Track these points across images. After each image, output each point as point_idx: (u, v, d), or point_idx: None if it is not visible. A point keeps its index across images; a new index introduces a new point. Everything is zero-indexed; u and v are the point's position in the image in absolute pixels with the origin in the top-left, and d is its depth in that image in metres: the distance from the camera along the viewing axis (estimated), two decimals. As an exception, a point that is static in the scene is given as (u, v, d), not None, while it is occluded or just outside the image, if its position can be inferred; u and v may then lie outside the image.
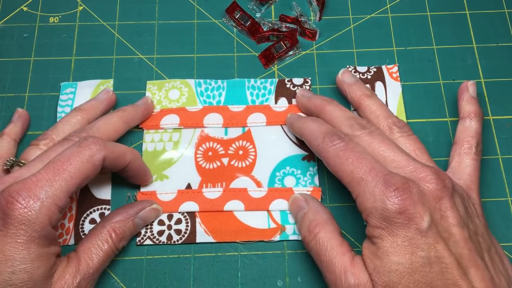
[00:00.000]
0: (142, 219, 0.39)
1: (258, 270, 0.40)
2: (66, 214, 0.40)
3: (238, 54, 0.47)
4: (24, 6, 0.49)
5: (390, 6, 0.50)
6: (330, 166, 0.36)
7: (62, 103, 0.45)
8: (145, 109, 0.43)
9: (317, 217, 0.37)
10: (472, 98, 0.42)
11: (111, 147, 0.36)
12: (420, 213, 0.32)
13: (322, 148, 0.36)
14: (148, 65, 0.47)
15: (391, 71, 0.46)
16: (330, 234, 0.36)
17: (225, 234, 0.41)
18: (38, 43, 0.48)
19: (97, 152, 0.35)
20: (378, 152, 0.36)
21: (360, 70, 0.46)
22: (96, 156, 0.35)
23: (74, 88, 0.45)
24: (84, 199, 0.41)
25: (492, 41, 0.48)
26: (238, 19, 0.48)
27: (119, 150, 0.37)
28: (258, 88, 0.46)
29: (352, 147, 0.35)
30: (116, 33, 0.48)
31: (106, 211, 0.41)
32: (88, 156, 0.34)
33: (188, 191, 0.42)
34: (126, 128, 0.42)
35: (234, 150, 0.43)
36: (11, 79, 0.46)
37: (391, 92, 0.45)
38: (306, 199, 0.39)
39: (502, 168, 0.43)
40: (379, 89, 0.45)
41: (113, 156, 0.36)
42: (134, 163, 0.38)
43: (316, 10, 0.49)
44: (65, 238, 0.40)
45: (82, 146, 0.35)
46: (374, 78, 0.46)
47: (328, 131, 0.37)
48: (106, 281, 0.39)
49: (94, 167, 0.35)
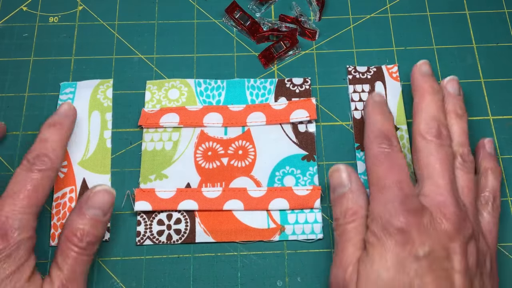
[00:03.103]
0: (94, 208, 0.36)
1: (257, 270, 0.40)
2: (66, 214, 0.40)
3: (237, 54, 0.47)
4: (23, 6, 0.49)
5: (390, 6, 0.50)
6: (366, 162, 0.37)
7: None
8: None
9: (357, 204, 0.36)
10: (490, 155, 0.41)
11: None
12: (421, 240, 0.31)
13: (370, 143, 0.37)
14: (148, 65, 0.47)
15: (391, 71, 0.46)
16: (360, 228, 0.35)
17: (225, 234, 0.40)
18: (38, 43, 0.48)
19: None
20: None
21: (360, 70, 0.46)
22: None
23: (73, 88, 0.45)
24: None
25: (492, 41, 0.48)
26: (238, 19, 0.48)
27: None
28: (258, 88, 0.46)
29: (394, 156, 0.35)
30: (116, 33, 0.48)
31: None
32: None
33: (187, 189, 0.42)
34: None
35: (233, 150, 0.43)
36: (11, 79, 0.46)
37: (391, 92, 0.45)
38: (350, 176, 0.37)
39: (502, 168, 0.43)
40: (379, 89, 0.45)
41: None
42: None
43: (316, 10, 0.49)
44: None
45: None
46: (374, 77, 0.46)
47: (385, 132, 0.37)
48: (106, 281, 0.39)
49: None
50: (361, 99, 0.45)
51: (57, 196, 0.41)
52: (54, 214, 0.41)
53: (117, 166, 0.43)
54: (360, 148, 0.43)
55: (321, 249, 0.40)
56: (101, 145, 0.43)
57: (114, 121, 0.44)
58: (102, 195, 0.36)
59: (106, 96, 0.45)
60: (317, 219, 0.41)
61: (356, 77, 0.46)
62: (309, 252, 0.40)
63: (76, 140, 0.43)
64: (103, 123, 0.44)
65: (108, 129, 0.44)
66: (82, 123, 0.44)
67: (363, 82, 0.45)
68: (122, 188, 0.42)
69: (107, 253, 0.40)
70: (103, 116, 0.44)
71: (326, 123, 0.45)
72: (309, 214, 0.41)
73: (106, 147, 0.43)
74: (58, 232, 0.40)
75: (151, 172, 0.42)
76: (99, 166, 0.43)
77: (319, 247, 0.41)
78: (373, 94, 0.40)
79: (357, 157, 0.43)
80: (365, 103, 0.41)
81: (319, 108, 0.45)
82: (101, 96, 0.45)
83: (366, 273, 0.32)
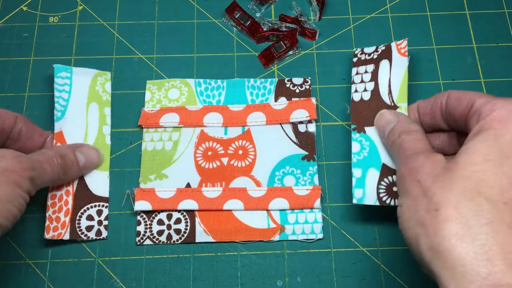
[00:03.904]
0: (82, 153, 0.40)
1: (257, 270, 0.40)
2: (62, 207, 0.40)
3: (238, 54, 0.47)
4: (23, 5, 0.49)
5: (390, 6, 0.50)
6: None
7: (59, 87, 0.43)
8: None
9: (409, 126, 0.37)
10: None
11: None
12: None
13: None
14: (148, 65, 0.47)
15: (400, 46, 0.43)
16: (422, 139, 0.35)
17: (225, 234, 0.40)
18: (38, 43, 0.47)
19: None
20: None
21: (367, 51, 0.45)
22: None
23: (69, 73, 0.44)
24: (82, 195, 0.41)
25: (492, 41, 0.48)
26: (238, 18, 0.48)
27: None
28: (258, 87, 0.46)
29: None
30: (116, 33, 0.48)
31: (104, 208, 0.41)
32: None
33: (187, 189, 0.41)
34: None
35: (233, 150, 0.43)
36: (11, 79, 0.46)
37: (396, 69, 0.42)
38: (396, 113, 0.39)
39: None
40: (384, 69, 0.43)
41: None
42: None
43: (316, 10, 0.49)
44: (60, 232, 0.40)
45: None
46: (380, 57, 0.43)
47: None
48: (106, 281, 0.39)
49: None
50: (363, 80, 0.43)
51: (53, 187, 0.41)
52: (50, 206, 0.40)
53: (117, 166, 0.43)
54: (356, 130, 0.41)
55: (321, 249, 0.40)
56: (100, 140, 0.43)
57: (115, 121, 0.44)
58: (96, 154, 0.42)
59: (105, 89, 0.45)
60: (317, 219, 0.41)
61: (361, 59, 0.44)
62: (309, 252, 0.40)
63: (73, 131, 0.42)
64: (102, 118, 0.44)
65: (107, 125, 0.44)
66: (80, 113, 0.43)
67: (368, 63, 0.44)
68: (122, 188, 0.42)
69: (107, 253, 0.40)
70: (101, 110, 0.44)
71: (326, 123, 0.45)
72: (309, 214, 0.41)
73: (105, 144, 0.43)
74: (53, 225, 0.40)
75: (151, 172, 0.42)
76: None
77: (319, 247, 0.41)
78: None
79: (352, 138, 0.41)
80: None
81: (319, 108, 0.45)
82: (99, 88, 0.45)
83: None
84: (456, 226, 0.28)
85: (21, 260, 0.40)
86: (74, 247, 0.40)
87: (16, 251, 0.40)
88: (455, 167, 0.30)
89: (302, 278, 0.40)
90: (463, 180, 0.29)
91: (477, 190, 0.29)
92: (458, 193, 0.29)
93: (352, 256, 0.40)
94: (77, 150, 0.40)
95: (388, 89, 0.42)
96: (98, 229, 0.41)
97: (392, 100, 0.41)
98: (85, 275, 0.39)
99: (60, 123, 0.42)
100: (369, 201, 0.39)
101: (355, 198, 0.39)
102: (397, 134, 0.37)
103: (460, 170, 0.30)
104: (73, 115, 0.43)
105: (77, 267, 0.40)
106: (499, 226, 0.27)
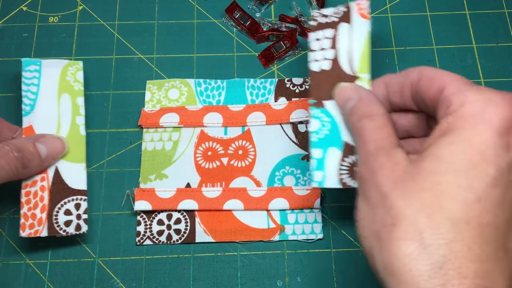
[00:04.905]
0: (44, 144, 0.39)
1: (257, 270, 0.40)
2: (37, 204, 0.39)
3: (237, 54, 0.47)
4: (23, 5, 0.49)
5: (390, 6, 0.50)
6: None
7: (27, 81, 0.42)
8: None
9: (371, 109, 0.32)
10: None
11: None
12: None
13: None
14: (148, 65, 0.47)
15: (361, 7, 0.38)
16: (385, 126, 0.31)
17: (225, 234, 0.40)
18: (38, 43, 0.47)
19: None
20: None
21: (326, 13, 0.39)
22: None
23: (38, 66, 0.43)
24: (58, 190, 0.40)
25: (492, 41, 0.48)
26: (238, 19, 0.48)
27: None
28: (258, 88, 0.46)
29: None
30: (116, 33, 0.48)
31: (82, 201, 0.40)
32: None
33: (187, 189, 0.41)
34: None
35: (233, 150, 0.43)
36: (11, 79, 0.46)
37: (356, 33, 0.37)
38: (357, 88, 0.34)
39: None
40: (343, 33, 0.38)
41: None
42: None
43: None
44: (37, 229, 0.38)
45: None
46: (340, 20, 0.38)
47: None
48: (106, 281, 0.39)
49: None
50: (322, 47, 0.38)
51: (27, 183, 0.40)
52: (24, 203, 0.39)
53: (117, 166, 0.43)
54: (315, 105, 0.37)
55: (321, 249, 0.40)
56: (74, 131, 0.42)
57: (115, 121, 0.44)
58: (59, 143, 0.40)
59: (77, 79, 0.44)
60: (317, 219, 0.41)
61: (321, 23, 0.39)
62: (309, 252, 0.40)
63: (44, 125, 0.42)
64: (75, 108, 0.43)
65: (81, 115, 0.43)
66: (50, 105, 0.42)
67: (327, 27, 0.38)
68: (122, 188, 0.42)
69: (107, 253, 0.40)
70: (74, 100, 0.43)
71: (326, 123, 0.45)
72: (309, 214, 0.41)
73: (79, 134, 0.42)
74: (29, 222, 0.39)
75: (151, 172, 0.42)
76: (72, 153, 0.41)
77: (319, 247, 0.41)
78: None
79: (311, 114, 0.37)
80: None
81: (319, 108, 0.45)
82: (71, 78, 0.44)
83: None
84: (411, 245, 0.26)
85: (21, 260, 0.40)
86: (74, 247, 0.40)
87: (16, 251, 0.40)
88: (416, 175, 0.27)
89: (302, 278, 0.40)
90: (423, 191, 0.27)
91: (438, 205, 0.26)
92: (416, 207, 0.26)
93: (352, 256, 0.40)
94: (38, 141, 0.39)
95: (348, 57, 0.37)
96: (77, 223, 0.39)
97: (352, 69, 0.37)
98: (85, 275, 0.39)
99: (29, 117, 0.41)
100: (331, 184, 0.35)
101: (315, 181, 0.35)
102: (357, 117, 0.32)
103: (421, 180, 0.27)
104: (43, 108, 0.42)
105: (77, 267, 0.40)
106: (458, 247, 0.25)
